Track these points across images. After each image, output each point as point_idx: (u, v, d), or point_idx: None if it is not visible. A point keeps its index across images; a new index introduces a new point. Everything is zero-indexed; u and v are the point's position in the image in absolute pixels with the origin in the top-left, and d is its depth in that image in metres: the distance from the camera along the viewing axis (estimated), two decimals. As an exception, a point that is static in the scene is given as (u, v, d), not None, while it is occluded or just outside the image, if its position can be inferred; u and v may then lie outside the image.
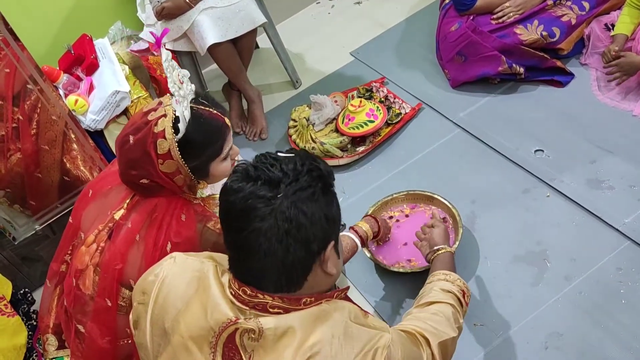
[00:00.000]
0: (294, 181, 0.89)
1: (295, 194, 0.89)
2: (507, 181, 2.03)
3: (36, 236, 2.10)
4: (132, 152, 1.28)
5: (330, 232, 0.94)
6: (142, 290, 1.06)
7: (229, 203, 0.91)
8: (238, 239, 0.91)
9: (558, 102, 2.23)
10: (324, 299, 0.95)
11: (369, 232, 1.70)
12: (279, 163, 0.92)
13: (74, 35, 2.36)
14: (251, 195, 0.89)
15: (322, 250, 0.93)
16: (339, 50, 2.83)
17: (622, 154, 1.98)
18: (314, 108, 2.38)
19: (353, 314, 0.96)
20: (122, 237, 1.33)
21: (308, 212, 0.89)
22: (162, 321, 0.99)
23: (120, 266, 1.33)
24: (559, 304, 1.68)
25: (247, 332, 0.91)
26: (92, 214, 1.42)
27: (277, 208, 0.87)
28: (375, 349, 0.92)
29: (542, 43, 2.24)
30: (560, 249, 1.80)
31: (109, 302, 1.35)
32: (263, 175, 0.90)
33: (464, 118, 2.29)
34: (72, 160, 2.06)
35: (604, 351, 1.55)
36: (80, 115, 2.12)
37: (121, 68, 2.25)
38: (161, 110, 1.28)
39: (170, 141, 1.26)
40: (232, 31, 2.24)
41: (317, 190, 0.91)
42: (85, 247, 1.38)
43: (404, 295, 1.82)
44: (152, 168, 1.28)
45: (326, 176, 0.94)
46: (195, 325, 0.95)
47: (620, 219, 1.80)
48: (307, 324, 0.91)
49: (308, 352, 0.88)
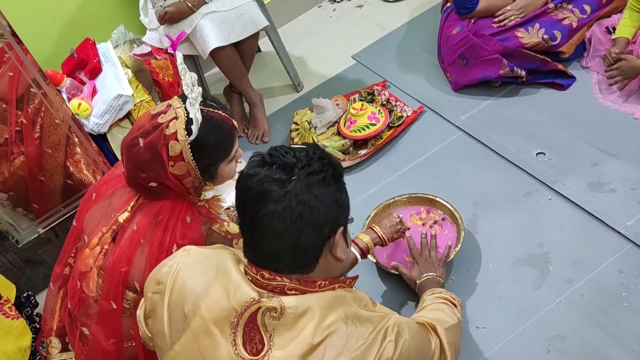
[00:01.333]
0: (306, 165, 0.95)
1: (308, 177, 0.93)
2: (509, 184, 2.03)
3: (39, 239, 2.10)
4: (142, 154, 1.29)
5: (340, 217, 0.99)
6: (157, 281, 1.08)
7: (245, 188, 0.96)
8: (254, 221, 0.95)
9: (559, 105, 2.24)
10: (337, 284, 1.01)
11: (369, 244, 1.69)
12: (292, 151, 0.97)
13: (77, 39, 2.37)
14: (266, 179, 0.93)
15: (332, 234, 0.97)
16: (341, 54, 2.84)
17: (623, 157, 1.98)
18: (316, 111, 2.39)
19: (364, 303, 1.02)
20: (127, 240, 1.34)
21: (320, 195, 0.94)
22: (181, 306, 1.02)
23: (125, 269, 1.33)
24: (561, 306, 1.68)
25: (269, 311, 0.94)
26: (96, 217, 1.42)
27: (291, 191, 0.92)
28: (386, 327, 0.97)
29: (544, 46, 2.25)
30: (562, 251, 1.80)
31: (113, 304, 1.35)
32: (278, 160, 0.95)
33: (466, 121, 2.29)
34: (75, 163, 2.07)
35: (607, 354, 1.55)
36: (84, 119, 2.13)
37: (124, 72, 2.26)
38: (171, 112, 1.29)
39: (183, 143, 1.27)
40: (234, 35, 2.25)
41: (328, 175, 0.95)
42: (89, 250, 1.38)
43: (405, 297, 1.82)
44: (162, 170, 1.29)
45: (336, 165, 1.00)
46: (217, 307, 0.98)
47: (622, 222, 1.80)
48: (324, 306, 0.95)
49: (326, 330, 0.93)
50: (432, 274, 1.61)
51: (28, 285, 2.16)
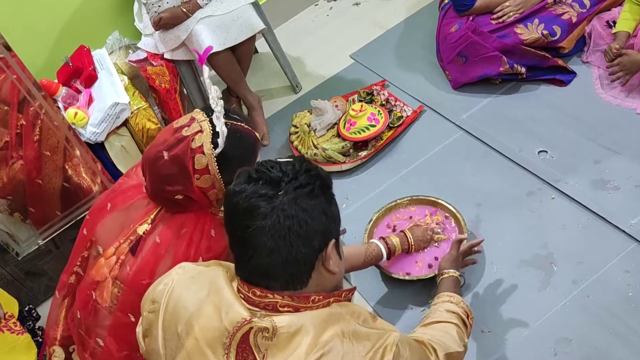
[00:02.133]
0: (293, 179, 0.93)
1: (296, 191, 0.92)
2: (512, 184, 2.01)
3: (39, 251, 2.09)
4: (168, 168, 1.29)
5: (330, 229, 0.97)
6: (152, 299, 1.07)
7: (233, 205, 0.95)
8: (242, 238, 0.93)
9: (560, 101, 2.21)
10: (333, 297, 0.98)
11: (397, 245, 1.72)
12: (278, 165, 0.96)
13: (71, 46, 2.36)
14: (253, 195, 0.92)
15: (323, 247, 0.96)
16: (339, 53, 2.81)
17: (626, 153, 1.96)
18: (315, 113, 2.37)
19: (362, 318, 0.98)
20: (149, 252, 1.34)
21: (308, 208, 0.92)
22: (175, 326, 1.00)
23: (147, 281, 1.32)
24: (567, 308, 1.66)
25: (261, 331, 0.92)
26: (111, 227, 1.41)
27: (278, 206, 0.91)
28: (385, 346, 0.94)
29: (543, 42, 2.22)
30: (566, 252, 1.78)
31: (132, 317, 1.35)
32: (264, 175, 0.94)
33: (466, 120, 2.27)
34: (73, 167, 2.05)
35: (614, 356, 1.54)
36: (80, 128, 2.12)
37: (120, 79, 2.24)
38: (196, 126, 1.29)
39: (209, 156, 1.27)
40: (230, 39, 2.22)
41: (315, 188, 0.94)
42: (105, 260, 1.38)
43: (407, 302, 1.81)
44: (188, 183, 1.29)
45: (324, 177, 0.98)
46: (209, 327, 0.96)
47: (626, 221, 1.79)
48: (319, 324, 0.93)
49: (321, 349, 0.90)
50: (447, 270, 1.59)
51: (29, 297, 2.15)
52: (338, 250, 1.01)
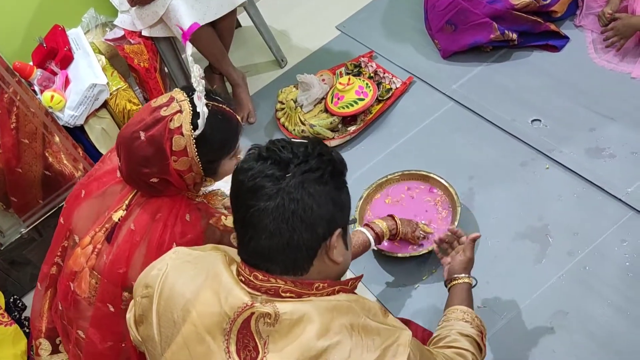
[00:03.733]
0: (303, 162, 0.90)
1: (304, 175, 0.89)
2: (505, 154, 1.96)
3: (23, 239, 2.05)
4: (144, 149, 1.24)
5: (337, 217, 0.93)
6: (145, 284, 1.04)
7: (239, 182, 0.93)
8: (246, 217, 0.91)
9: (554, 67, 2.15)
10: (339, 286, 0.95)
11: (385, 230, 1.64)
12: (290, 146, 0.93)
13: (45, 26, 2.27)
14: (259, 174, 0.90)
15: (327, 235, 0.93)
16: (324, 25, 2.73)
17: (621, 120, 1.91)
18: (301, 88, 2.30)
19: (372, 312, 0.95)
20: (125, 240, 1.30)
21: (315, 194, 0.89)
22: (170, 312, 0.98)
23: (123, 270, 1.29)
24: (563, 280, 1.63)
25: (263, 317, 0.90)
26: (87, 215, 1.37)
27: (284, 188, 0.88)
28: (397, 345, 0.91)
29: (535, 6, 2.15)
30: (562, 223, 1.74)
31: (111, 307, 1.32)
32: (274, 155, 0.91)
33: (457, 90, 2.21)
34: (54, 154, 2.00)
35: (612, 328, 1.51)
36: (58, 112, 2.04)
37: (97, 59, 2.16)
38: (175, 105, 1.24)
39: (188, 138, 1.23)
40: (210, 14, 2.13)
41: (325, 173, 0.91)
42: (81, 249, 1.33)
43: (403, 280, 1.77)
44: (165, 165, 1.25)
45: (337, 162, 0.94)
46: (208, 313, 0.93)
47: (622, 189, 1.74)
48: (325, 313, 0.90)
49: (327, 339, 0.87)
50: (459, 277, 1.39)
51: (15, 287, 2.11)
52: (345, 240, 0.98)
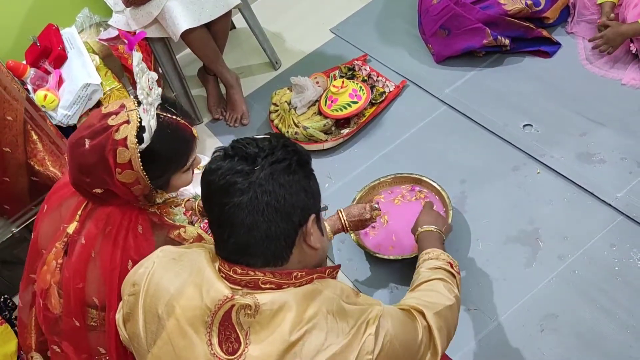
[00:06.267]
0: (269, 154, 0.92)
1: (272, 166, 0.91)
2: (497, 159, 1.98)
3: (13, 239, 2.03)
4: (87, 157, 1.18)
5: (309, 204, 0.96)
6: (133, 282, 1.05)
7: (209, 182, 0.94)
8: (221, 216, 0.92)
9: (545, 73, 2.17)
10: (316, 274, 0.96)
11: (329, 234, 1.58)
12: (254, 141, 0.95)
13: (39, 25, 2.26)
14: (229, 171, 0.91)
15: (303, 222, 0.95)
16: (319, 27, 2.74)
17: (612, 126, 1.93)
18: (295, 91, 2.30)
19: (345, 294, 0.97)
20: (77, 255, 1.26)
21: (286, 184, 0.91)
22: (155, 308, 0.99)
23: (81, 285, 1.25)
24: (553, 284, 1.65)
25: (243, 309, 0.91)
26: (48, 230, 1.35)
27: (255, 181, 0.90)
28: (367, 320, 0.94)
29: (527, 12, 2.17)
30: (552, 227, 1.76)
31: (76, 322, 1.29)
32: (240, 152, 0.93)
33: (450, 94, 2.22)
34: (39, 162, 1.97)
35: (601, 331, 1.53)
36: (51, 111, 2.03)
37: (91, 58, 2.16)
38: (123, 115, 1.18)
39: (133, 151, 1.17)
40: (205, 15, 2.14)
41: (293, 163, 0.93)
42: (46, 266, 1.31)
43: (392, 281, 1.78)
44: (108, 177, 1.19)
45: (301, 153, 0.97)
46: (190, 306, 0.95)
47: (612, 194, 1.76)
48: (302, 301, 0.92)
49: (304, 325, 0.90)
50: (434, 227, 1.48)
51: (7, 286, 2.09)
52: (319, 226, 1.00)
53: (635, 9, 1.97)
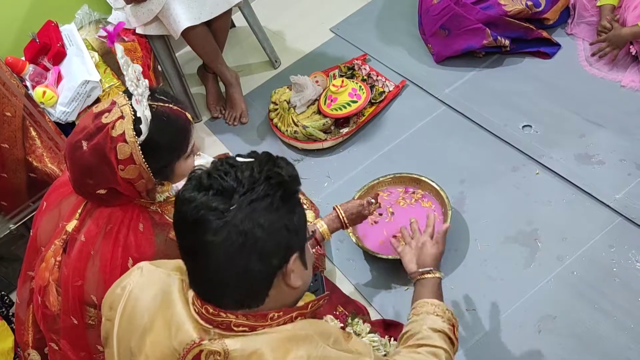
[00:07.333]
0: (249, 191, 0.83)
1: (251, 205, 0.82)
2: (496, 159, 1.98)
3: (11, 236, 2.02)
4: (87, 159, 1.18)
5: (292, 242, 0.87)
6: (110, 305, 1.01)
7: (182, 213, 0.86)
8: (192, 250, 0.86)
9: (545, 74, 2.17)
10: (296, 312, 0.89)
11: (325, 233, 1.54)
12: (234, 170, 0.85)
13: (38, 21, 2.24)
14: (203, 207, 0.82)
15: (283, 263, 0.86)
16: (319, 27, 2.73)
17: (611, 127, 1.94)
18: (295, 89, 2.30)
19: (333, 338, 0.89)
20: (76, 252, 1.25)
21: (265, 223, 0.82)
22: (128, 340, 0.94)
23: (80, 283, 1.25)
24: (551, 285, 1.65)
25: (212, 354, 0.85)
26: (47, 228, 1.34)
27: (230, 221, 0.81)
28: None
29: (527, 13, 2.17)
30: (551, 228, 1.76)
31: (74, 320, 1.28)
32: (216, 184, 0.83)
33: (450, 94, 2.22)
34: (37, 158, 1.97)
35: (599, 332, 1.53)
36: (50, 108, 2.03)
37: (90, 55, 2.14)
38: (116, 111, 1.17)
39: (132, 145, 1.16)
40: (206, 13, 2.13)
41: (275, 200, 0.84)
42: (45, 263, 1.30)
43: (392, 281, 1.78)
44: (111, 175, 1.18)
45: (288, 182, 0.86)
46: (159, 344, 0.90)
47: (611, 195, 1.77)
48: (278, 346, 0.84)
49: None
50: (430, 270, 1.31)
51: (4, 283, 2.08)
52: (303, 260, 0.92)
53: (635, 11, 1.98)
